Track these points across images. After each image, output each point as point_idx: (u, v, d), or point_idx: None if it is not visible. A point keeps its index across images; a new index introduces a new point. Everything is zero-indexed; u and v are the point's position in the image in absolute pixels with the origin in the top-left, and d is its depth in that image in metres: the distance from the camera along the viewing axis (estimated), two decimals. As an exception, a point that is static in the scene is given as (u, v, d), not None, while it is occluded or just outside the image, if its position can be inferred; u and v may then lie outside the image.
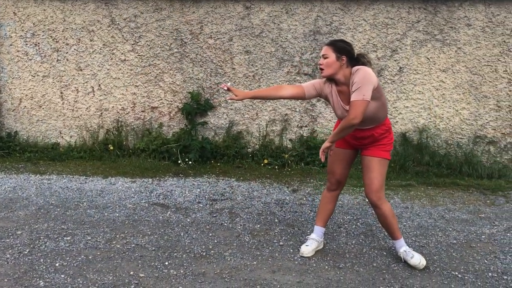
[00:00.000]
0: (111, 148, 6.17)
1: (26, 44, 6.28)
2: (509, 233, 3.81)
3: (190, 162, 5.86)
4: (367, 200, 4.56)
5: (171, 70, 6.19)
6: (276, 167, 5.79)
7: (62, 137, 6.44)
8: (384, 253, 3.39)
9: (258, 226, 3.90)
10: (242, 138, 6.19)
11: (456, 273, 3.08)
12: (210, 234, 3.71)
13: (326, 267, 3.16)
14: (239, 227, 3.87)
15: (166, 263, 3.21)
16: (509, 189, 5.11)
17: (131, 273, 3.07)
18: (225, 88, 3.13)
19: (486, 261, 3.27)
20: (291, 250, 3.42)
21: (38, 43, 6.26)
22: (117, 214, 4.15)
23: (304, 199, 4.64)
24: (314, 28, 5.92)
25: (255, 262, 3.23)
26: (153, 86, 6.24)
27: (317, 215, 3.42)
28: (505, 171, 5.63)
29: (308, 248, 3.31)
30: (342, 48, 2.99)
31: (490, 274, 3.08)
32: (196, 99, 6.09)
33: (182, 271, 3.09)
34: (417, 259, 3.10)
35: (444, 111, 5.88)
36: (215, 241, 3.58)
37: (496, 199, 4.76)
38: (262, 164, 5.87)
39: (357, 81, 2.84)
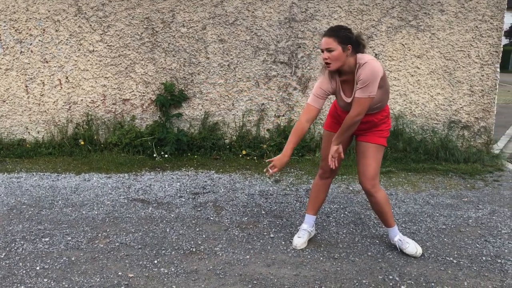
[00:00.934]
0: (82, 143, 5.92)
1: (-14, 35, 5.93)
2: (494, 216, 3.85)
3: (166, 156, 5.69)
4: (358, 188, 4.54)
5: (142, 61, 5.97)
6: (255, 157, 5.69)
7: (28, 132, 6.13)
8: (377, 241, 3.35)
9: (246, 218, 3.79)
10: (218, 129, 6.06)
11: (451, 258, 3.07)
12: (197, 229, 3.58)
13: (321, 258, 3.10)
14: (226, 220, 3.76)
15: (155, 261, 3.07)
16: (485, 173, 5.19)
17: (119, 273, 2.91)
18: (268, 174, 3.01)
19: (477, 245, 3.28)
20: (283, 242, 3.33)
21: (-1, 34, 5.93)
22: (96, 212, 3.96)
23: (288, 189, 4.57)
24: (289, 15, 5.82)
25: (248, 256, 3.13)
26: (124, 78, 6.01)
27: (308, 204, 3.34)
28: (479, 155, 5.71)
29: (301, 240, 3.24)
30: (347, 38, 2.79)
31: (484, 258, 3.08)
32: (170, 90, 5.91)
33: (173, 269, 2.96)
34: (413, 248, 3.07)
35: (420, 97, 5.91)
36: (204, 236, 3.46)
37: (475, 183, 4.82)
38: (240, 155, 5.76)
39: (364, 78, 2.74)
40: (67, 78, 6.01)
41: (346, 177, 4.93)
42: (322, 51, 2.83)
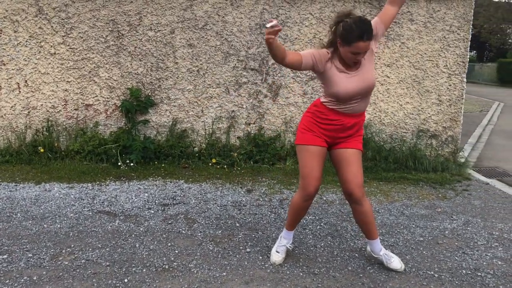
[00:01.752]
0: (42, 150, 5.61)
1: None
2: (468, 227, 3.85)
3: (131, 164, 5.46)
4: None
5: (107, 64, 5.72)
6: (225, 166, 5.54)
7: (-17, 139, 5.77)
8: (356, 255, 3.27)
9: (220, 232, 3.64)
10: (187, 137, 5.87)
11: (432, 272, 3.02)
12: (169, 244, 3.40)
13: (301, 274, 2.98)
14: (199, 234, 3.59)
15: (126, 280, 2.88)
16: (454, 182, 5.24)
17: (87, 294, 2.71)
18: (269, 25, 2.42)
19: (456, 257, 3.25)
20: (260, 257, 3.20)
21: (-49, 33, 5.55)
22: (59, 226, 3.72)
23: (261, 199, 4.44)
24: (260, 21, 5.72)
25: (224, 273, 2.97)
26: (87, 82, 5.74)
27: (288, 221, 3.15)
28: (447, 164, 5.76)
29: (280, 256, 3.11)
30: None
31: (464, 271, 3.05)
32: (136, 95, 5.68)
33: (145, 289, 2.78)
34: (398, 263, 3.00)
35: (389, 106, 5.92)
36: (176, 251, 3.28)
37: (446, 192, 4.84)
38: (210, 164, 5.60)
39: None
40: (26, 81, 5.69)
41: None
42: (355, 54, 2.62)
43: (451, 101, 5.93)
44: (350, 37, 2.57)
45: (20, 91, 5.71)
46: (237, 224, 3.80)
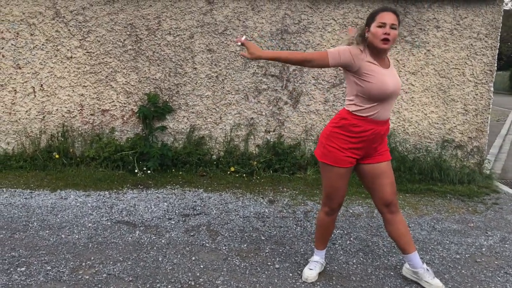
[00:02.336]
0: (57, 156, 5.47)
1: (-48, 37, 5.44)
2: (506, 244, 3.65)
3: (149, 172, 5.31)
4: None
5: (124, 69, 5.59)
6: (244, 175, 5.38)
7: (-3, 144, 5.65)
8: (391, 273, 3.08)
9: (245, 245, 3.47)
10: (204, 144, 5.72)
11: (476, 294, 2.84)
12: (193, 258, 3.23)
13: (336, 293, 2.81)
14: (224, 247, 3.43)
15: (150, 297, 2.72)
16: (482, 195, 5.04)
17: (110, 313, 2.55)
18: (239, 43, 2.64)
19: (499, 278, 3.06)
20: (290, 274, 3.03)
21: (-33, 36, 5.45)
22: (77, 236, 3.57)
23: (284, 211, 4.27)
24: (282, 26, 5.57)
25: (254, 291, 2.81)
26: (104, 87, 5.62)
27: (317, 240, 2.99)
28: (473, 176, 5.57)
29: (313, 273, 2.93)
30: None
31: (509, 293, 2.86)
32: (154, 101, 5.55)
33: (172, 308, 2.61)
34: (438, 280, 2.82)
35: (413, 115, 5.74)
36: (201, 266, 3.12)
37: (476, 206, 4.64)
38: (229, 172, 5.43)
39: None
40: (41, 85, 5.57)
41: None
42: (381, 26, 2.54)
43: (477, 110, 5.74)
44: (374, 13, 2.62)
45: (35, 95, 5.58)
46: (262, 238, 3.63)
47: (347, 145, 2.70)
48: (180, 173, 5.39)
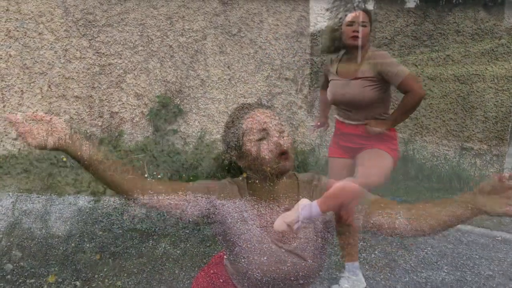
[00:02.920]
0: (64, 159, 5.30)
1: (-42, 35, 5.29)
2: (538, 259, 3.48)
3: (159, 176, 5.14)
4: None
5: (135, 71, 5.43)
6: (257, 181, 5.19)
7: (3, 145, 5.48)
8: (422, 290, 2.91)
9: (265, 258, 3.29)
10: (216, 148, 5.55)
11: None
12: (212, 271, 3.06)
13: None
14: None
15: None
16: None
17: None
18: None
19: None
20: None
21: (-26, 34, 5.29)
22: (88, 245, 3.40)
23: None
24: (297, 28, 5.41)
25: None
26: (114, 88, 5.45)
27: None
28: (492, 185, 5.39)
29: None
30: (373, 21, 2.69)
31: (551, 315, 2.69)
32: (164, 103, 5.38)
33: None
34: None
35: (431, 122, 5.57)
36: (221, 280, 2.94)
37: (500, 218, 4.46)
38: (241, 178, 5.25)
39: (393, 60, 2.56)
40: (49, 86, 5.40)
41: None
42: (351, 24, 2.58)
43: (497, 118, 5.56)
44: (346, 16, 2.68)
45: (42, 96, 5.42)
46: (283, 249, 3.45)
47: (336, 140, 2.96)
48: (191, 178, 5.22)
